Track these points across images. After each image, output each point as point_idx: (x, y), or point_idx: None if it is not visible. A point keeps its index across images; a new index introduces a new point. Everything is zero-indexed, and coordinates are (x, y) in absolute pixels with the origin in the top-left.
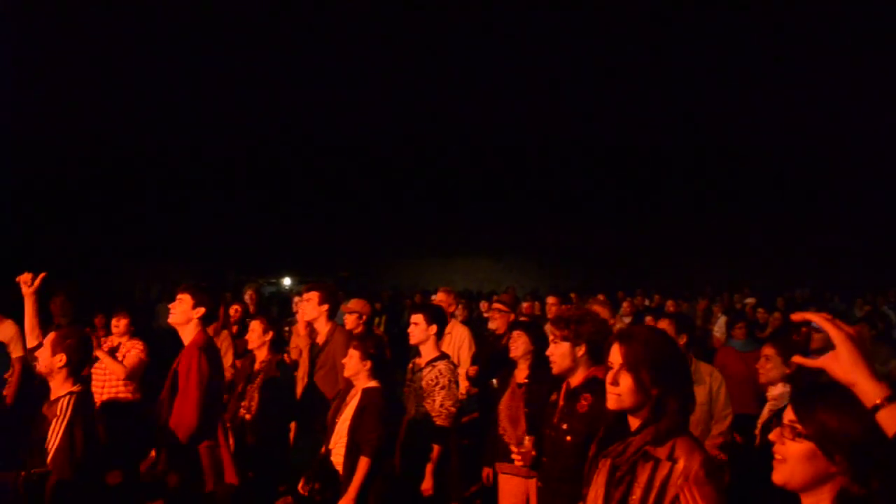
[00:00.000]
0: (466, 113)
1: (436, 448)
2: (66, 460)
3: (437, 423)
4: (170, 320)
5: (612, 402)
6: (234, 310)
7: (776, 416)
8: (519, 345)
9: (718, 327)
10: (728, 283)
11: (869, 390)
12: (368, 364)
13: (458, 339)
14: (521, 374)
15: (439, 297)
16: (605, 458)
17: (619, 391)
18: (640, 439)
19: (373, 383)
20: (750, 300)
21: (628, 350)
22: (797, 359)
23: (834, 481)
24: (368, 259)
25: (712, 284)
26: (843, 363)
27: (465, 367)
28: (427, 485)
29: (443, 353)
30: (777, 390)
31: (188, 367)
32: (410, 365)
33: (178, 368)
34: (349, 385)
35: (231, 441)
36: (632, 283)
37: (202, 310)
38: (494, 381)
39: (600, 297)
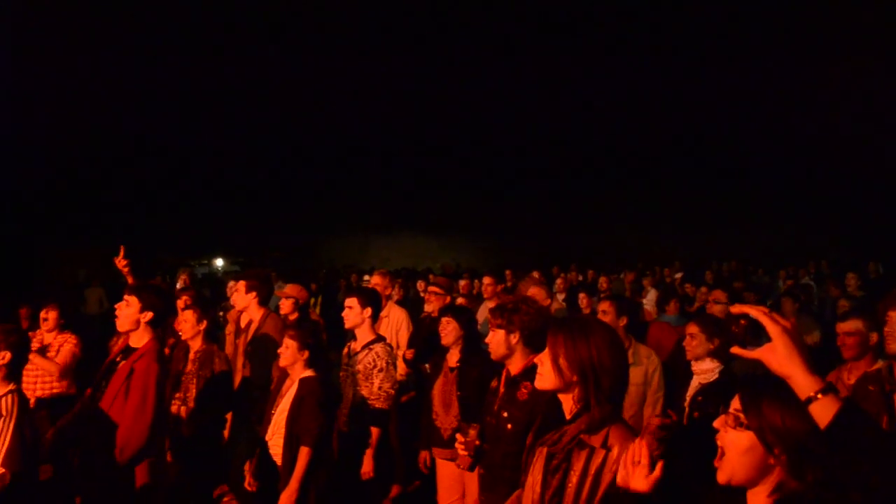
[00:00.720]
0: (407, 91)
1: (375, 431)
2: (19, 458)
3: (376, 406)
4: (118, 328)
5: (537, 381)
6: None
7: (703, 392)
8: (449, 330)
9: (648, 300)
10: (659, 257)
11: (803, 383)
12: (306, 354)
13: (396, 322)
14: (453, 358)
15: (375, 280)
16: (541, 446)
17: (541, 371)
18: (574, 428)
19: (309, 372)
20: (678, 274)
21: (551, 338)
22: (735, 350)
23: (772, 474)
24: (303, 237)
25: (644, 258)
26: (779, 356)
27: (403, 350)
28: (367, 468)
29: (378, 335)
30: (704, 366)
31: (145, 383)
32: (346, 349)
33: (130, 380)
34: (284, 374)
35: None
36: (567, 259)
37: (150, 314)
38: (427, 365)
39: (535, 274)
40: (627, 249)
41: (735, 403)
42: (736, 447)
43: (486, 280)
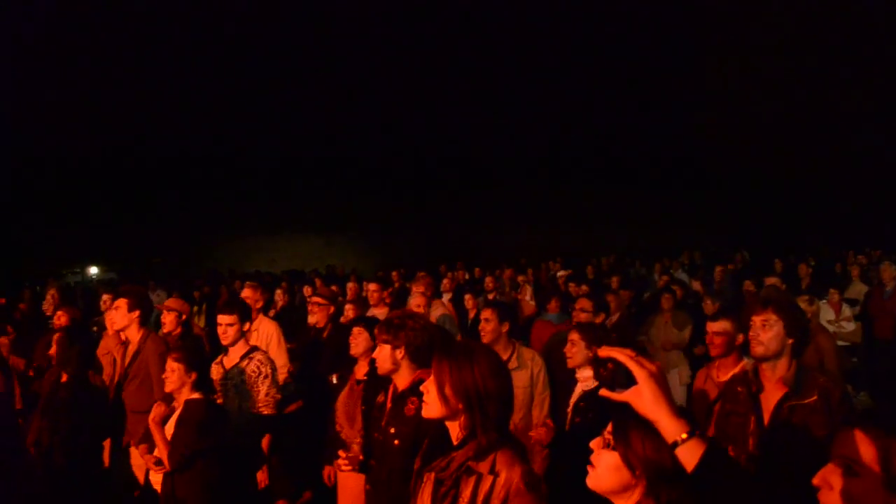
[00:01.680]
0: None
1: (267, 437)
2: None
3: (265, 412)
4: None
5: (423, 410)
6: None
7: (584, 398)
8: (360, 342)
9: (524, 296)
10: (540, 252)
11: (669, 427)
12: (193, 376)
13: (266, 336)
14: (361, 370)
15: (245, 294)
16: (429, 472)
17: (427, 400)
18: (462, 454)
19: (196, 395)
20: (562, 273)
21: (436, 365)
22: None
23: (634, 492)
24: (184, 242)
25: (527, 254)
26: (645, 400)
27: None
28: (263, 476)
29: (253, 346)
30: (585, 373)
31: None
32: (217, 367)
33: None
34: (169, 397)
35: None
36: (454, 256)
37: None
38: (334, 376)
39: (421, 274)
40: (512, 245)
41: (608, 427)
42: (605, 464)
43: (372, 287)
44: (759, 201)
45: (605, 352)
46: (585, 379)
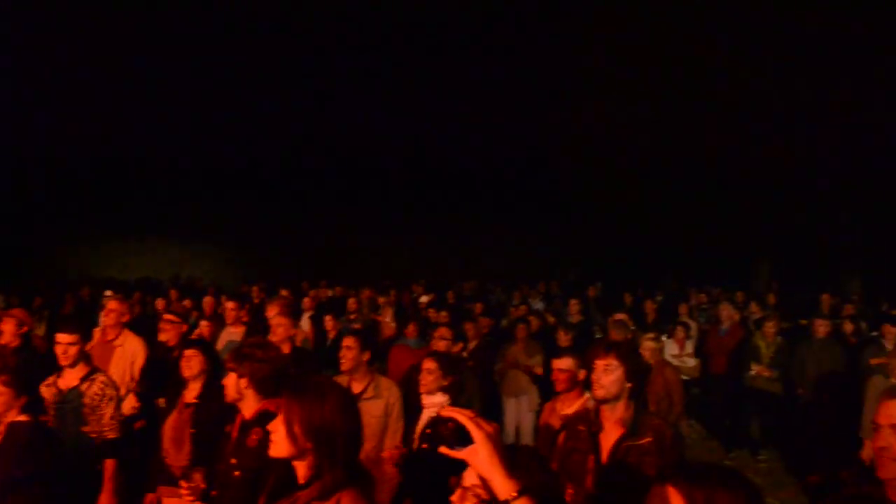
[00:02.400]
0: (148, 88)
1: (110, 464)
2: None
3: (109, 436)
4: None
5: (271, 449)
6: None
7: (431, 424)
8: (193, 364)
9: (384, 317)
10: (404, 274)
11: (501, 486)
12: (23, 400)
13: (131, 353)
14: (191, 393)
15: (111, 306)
16: None
17: (274, 439)
18: (306, 494)
19: (23, 417)
20: (424, 298)
21: (286, 403)
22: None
23: None
24: (31, 241)
25: (392, 276)
26: (481, 460)
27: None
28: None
29: (93, 366)
30: (434, 399)
31: None
32: (48, 388)
33: None
34: None
35: None
36: (318, 273)
37: None
38: (162, 400)
39: (283, 292)
40: (377, 265)
41: (472, 478)
42: None
43: (230, 305)
44: (615, 233)
45: (446, 412)
46: (433, 406)
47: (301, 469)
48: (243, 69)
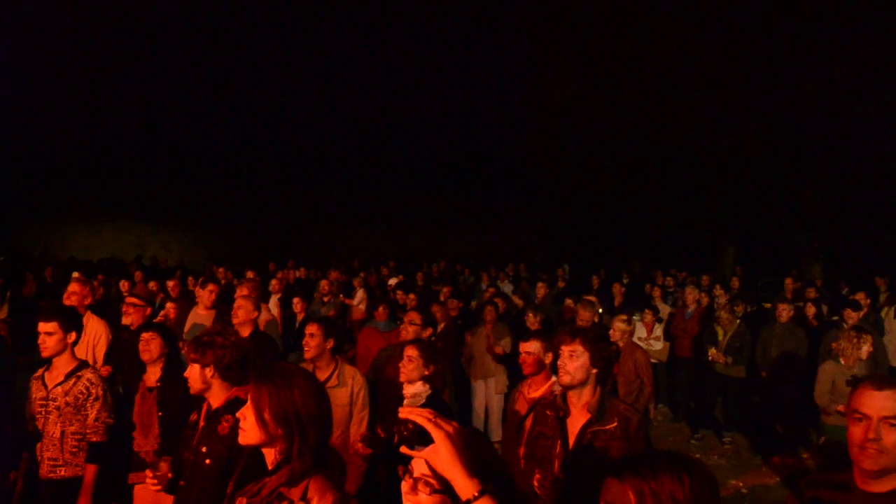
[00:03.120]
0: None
1: (91, 469)
2: None
3: (94, 439)
4: None
5: (240, 437)
6: None
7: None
8: (152, 347)
9: (356, 300)
10: (372, 255)
11: (463, 486)
12: None
13: (94, 336)
14: (153, 377)
15: (72, 289)
16: (241, 496)
17: (244, 426)
18: (275, 480)
19: None
20: (393, 280)
21: (254, 390)
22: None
23: None
24: None
25: (360, 257)
26: (441, 460)
27: (99, 367)
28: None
29: (81, 360)
30: (414, 389)
31: None
32: (37, 382)
33: None
34: None
35: None
36: (285, 254)
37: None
38: (120, 387)
39: (250, 273)
40: (345, 246)
41: (422, 468)
42: None
43: (210, 287)
44: (583, 215)
45: (405, 413)
46: (413, 395)
47: (270, 455)
48: (211, 51)
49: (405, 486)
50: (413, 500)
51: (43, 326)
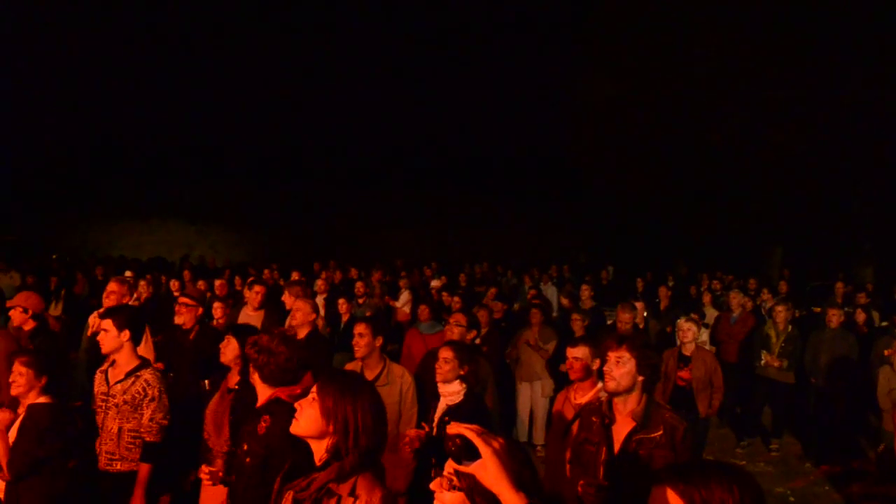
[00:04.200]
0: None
1: (145, 468)
2: None
3: (148, 439)
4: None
5: (293, 426)
6: None
7: (449, 412)
8: (228, 350)
9: (402, 301)
10: (415, 256)
11: (510, 500)
12: (44, 380)
13: None
14: (233, 379)
15: (111, 288)
16: (289, 490)
17: (299, 417)
18: (324, 476)
19: (43, 399)
20: (436, 282)
21: (321, 388)
22: (452, 464)
23: None
24: (43, 219)
25: (402, 258)
26: (489, 474)
27: None
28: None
29: (144, 359)
30: (451, 388)
31: None
32: (101, 375)
33: None
34: (16, 401)
35: None
36: (329, 254)
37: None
38: (206, 382)
39: (295, 274)
40: (387, 246)
41: (449, 466)
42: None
43: (256, 289)
44: (627, 217)
45: (453, 428)
46: (450, 394)
47: (319, 451)
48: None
49: (434, 484)
50: (440, 499)
51: (102, 324)
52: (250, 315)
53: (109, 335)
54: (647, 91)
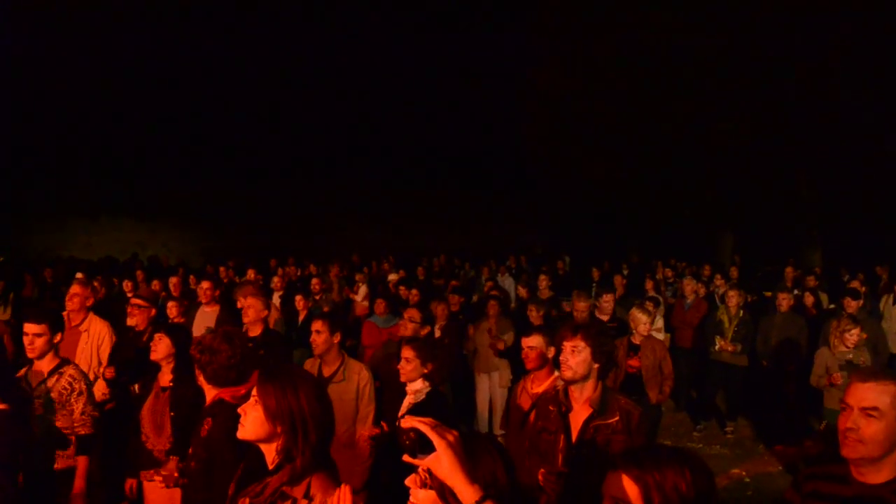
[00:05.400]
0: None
1: (83, 460)
2: None
3: (81, 432)
4: None
5: (239, 432)
6: None
7: (413, 410)
8: (160, 347)
9: (359, 296)
10: (372, 251)
11: (465, 493)
12: None
13: (97, 337)
14: (165, 377)
15: (74, 290)
16: (243, 497)
17: (244, 422)
18: (276, 479)
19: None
20: (393, 276)
21: (260, 388)
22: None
23: None
24: None
25: (359, 253)
26: (444, 467)
27: (104, 368)
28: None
29: (63, 358)
30: (415, 386)
31: None
32: (22, 378)
33: None
34: None
35: None
36: (285, 249)
37: None
38: (136, 385)
39: (251, 271)
40: (344, 241)
41: (423, 464)
42: (427, 502)
43: (204, 285)
44: (582, 207)
45: (407, 422)
46: (415, 392)
47: (270, 454)
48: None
49: (408, 481)
50: (414, 495)
51: (32, 328)
52: (207, 312)
53: (44, 339)
54: (599, 81)
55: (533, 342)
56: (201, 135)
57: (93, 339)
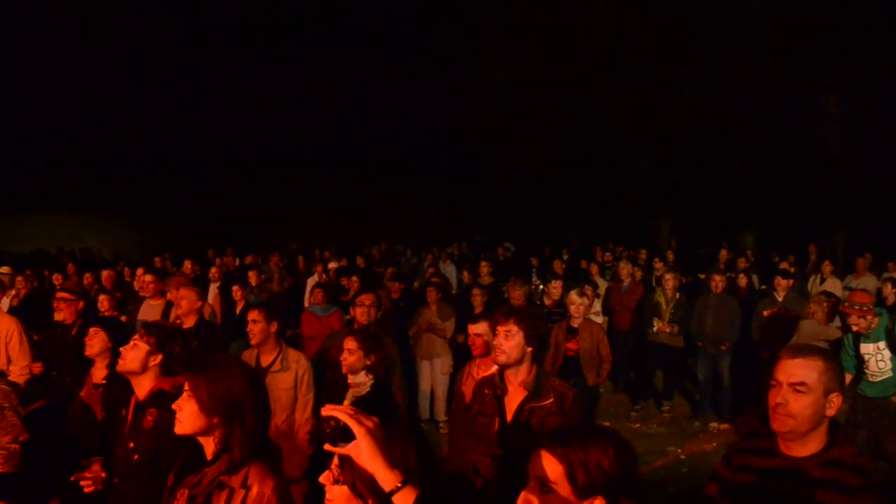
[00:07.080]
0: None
1: None
2: None
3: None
4: None
5: (176, 427)
6: None
7: (356, 403)
8: (96, 342)
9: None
10: (319, 243)
11: (385, 478)
12: None
13: (5, 334)
14: (99, 373)
15: None
16: (182, 488)
17: (180, 417)
18: (214, 469)
19: None
20: (333, 264)
21: (191, 380)
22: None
23: None
24: None
25: (300, 244)
26: (363, 454)
27: (17, 365)
28: None
29: None
30: (358, 379)
31: None
32: None
33: None
34: None
35: None
36: (221, 241)
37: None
38: (69, 378)
39: (187, 262)
40: (284, 231)
41: (336, 460)
42: (341, 497)
43: (148, 278)
44: (521, 194)
45: (327, 411)
46: (358, 384)
47: (209, 446)
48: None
49: (322, 478)
50: (329, 491)
51: None
52: (152, 306)
53: None
54: (538, 70)
55: (479, 329)
56: (137, 124)
57: (0, 337)
